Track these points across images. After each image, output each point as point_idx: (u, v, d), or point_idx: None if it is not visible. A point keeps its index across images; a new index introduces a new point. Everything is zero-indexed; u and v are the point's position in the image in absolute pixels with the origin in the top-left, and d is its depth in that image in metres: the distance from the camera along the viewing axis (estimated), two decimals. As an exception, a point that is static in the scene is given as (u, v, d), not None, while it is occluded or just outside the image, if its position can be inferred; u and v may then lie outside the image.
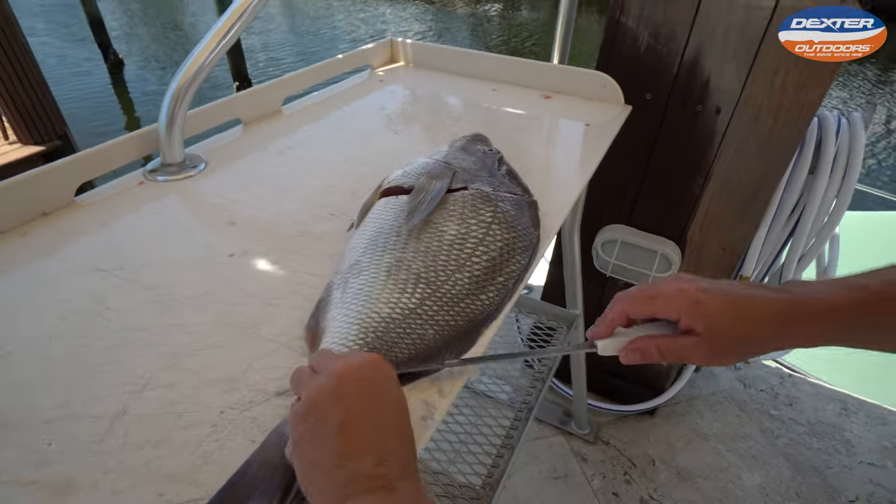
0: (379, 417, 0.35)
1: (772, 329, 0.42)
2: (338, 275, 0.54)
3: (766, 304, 0.42)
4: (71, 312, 0.52)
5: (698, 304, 0.42)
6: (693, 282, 0.44)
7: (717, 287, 0.43)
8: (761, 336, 0.42)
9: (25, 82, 3.79)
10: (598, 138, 0.89)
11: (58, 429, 0.42)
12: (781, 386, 1.75)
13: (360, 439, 0.34)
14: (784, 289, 0.43)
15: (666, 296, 0.44)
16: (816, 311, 0.41)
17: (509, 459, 1.00)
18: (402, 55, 1.21)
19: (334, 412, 0.34)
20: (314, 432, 0.34)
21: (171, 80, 0.72)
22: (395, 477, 0.33)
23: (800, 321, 0.42)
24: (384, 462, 0.33)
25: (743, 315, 0.42)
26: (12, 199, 0.63)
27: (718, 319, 0.42)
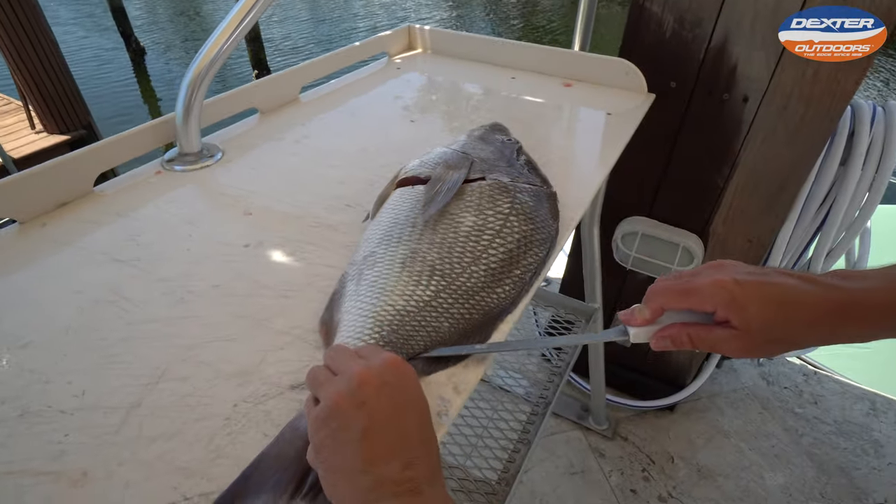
0: (402, 422, 0.34)
1: (816, 331, 0.40)
2: (352, 266, 0.53)
3: (811, 304, 0.39)
4: (88, 304, 0.52)
5: (735, 301, 0.40)
6: (731, 273, 0.42)
7: (756, 280, 0.41)
8: (804, 337, 0.41)
9: (51, 73, 3.85)
10: (620, 128, 0.87)
11: (75, 420, 0.42)
12: (806, 383, 1.70)
13: (384, 445, 0.33)
14: (831, 284, 0.40)
15: (701, 291, 0.42)
16: (869, 312, 0.38)
17: (526, 454, 0.99)
18: (419, 42, 1.19)
19: (356, 418, 0.33)
20: (336, 438, 0.33)
21: (186, 69, 0.72)
22: (422, 481, 0.33)
23: (849, 323, 0.39)
24: (411, 466, 0.33)
25: (784, 316, 0.40)
26: (31, 189, 0.64)
27: (757, 316, 0.40)
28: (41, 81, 3.80)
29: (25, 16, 3.62)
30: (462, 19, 11.22)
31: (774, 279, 0.41)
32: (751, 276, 0.41)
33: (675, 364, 1.56)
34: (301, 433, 0.40)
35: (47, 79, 3.82)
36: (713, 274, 0.42)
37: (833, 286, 0.40)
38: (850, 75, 0.95)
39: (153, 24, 10.02)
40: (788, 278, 0.41)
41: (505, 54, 1.10)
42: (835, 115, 1.01)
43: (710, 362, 1.57)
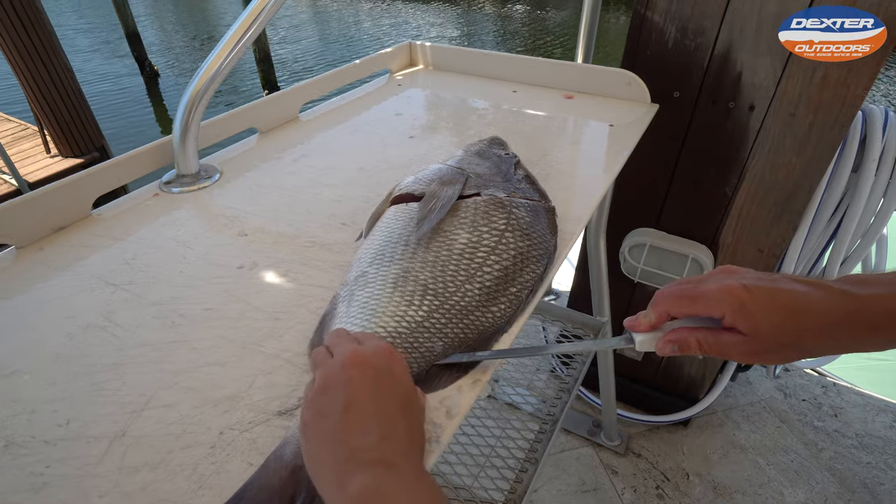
0: (382, 401, 0.36)
1: (828, 339, 0.39)
2: (344, 287, 0.52)
3: (822, 311, 0.38)
4: (79, 330, 0.51)
5: (744, 307, 0.39)
6: (739, 278, 0.41)
7: (766, 287, 0.40)
8: (814, 344, 0.40)
9: (66, 98, 3.94)
10: (623, 139, 0.86)
11: (58, 450, 0.41)
12: (825, 396, 1.65)
13: (361, 418, 0.35)
14: (843, 290, 0.38)
15: (709, 296, 0.41)
16: (883, 319, 0.37)
17: (533, 474, 0.97)
18: (420, 58, 1.19)
19: (340, 393, 0.36)
20: (321, 412, 0.36)
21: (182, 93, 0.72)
22: (397, 454, 0.34)
23: (862, 331, 0.38)
24: (385, 440, 0.34)
25: (794, 323, 0.39)
26: (29, 215, 0.64)
27: (765, 323, 0.39)
28: (56, 107, 3.88)
29: (42, 43, 3.72)
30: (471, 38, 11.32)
31: (785, 286, 0.40)
32: (760, 282, 0.40)
33: (688, 377, 1.52)
34: (285, 463, 0.38)
35: (62, 104, 3.90)
36: (722, 279, 0.41)
37: (844, 293, 0.38)
38: (858, 80, 0.93)
39: (168, 49, 10.26)
40: (799, 285, 0.40)
41: (506, 68, 1.10)
42: (845, 122, 0.98)
43: (724, 375, 1.53)
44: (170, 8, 13.94)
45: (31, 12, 3.63)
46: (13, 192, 3.52)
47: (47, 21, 3.78)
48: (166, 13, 13.31)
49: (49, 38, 3.78)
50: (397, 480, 0.33)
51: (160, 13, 13.20)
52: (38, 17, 3.69)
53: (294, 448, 0.39)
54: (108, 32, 10.69)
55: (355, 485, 0.32)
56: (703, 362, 1.47)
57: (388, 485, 0.32)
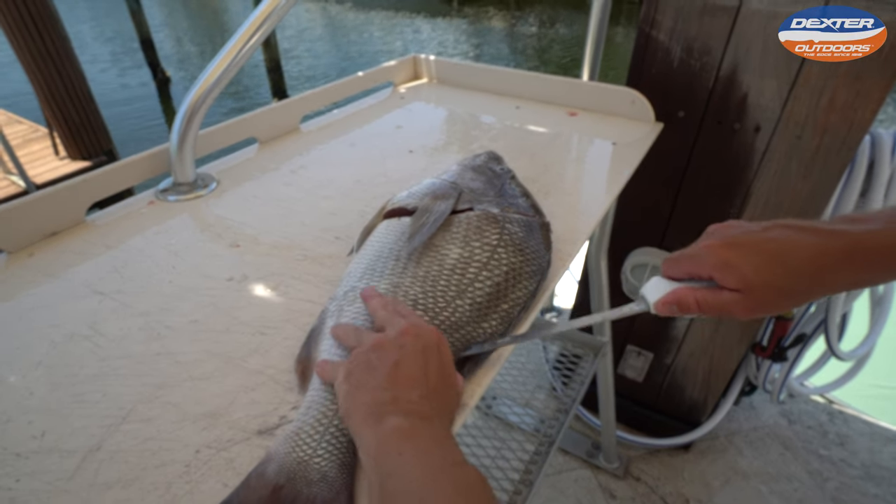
0: (428, 367, 0.39)
1: (823, 279, 0.39)
2: (333, 302, 0.51)
3: (813, 254, 0.39)
4: (63, 338, 0.51)
5: (727, 263, 0.41)
6: (725, 235, 0.42)
7: (751, 239, 0.41)
8: (807, 288, 0.40)
9: (76, 102, 3.98)
10: (626, 158, 0.85)
11: (29, 464, 0.40)
12: (831, 423, 1.62)
13: (409, 375, 0.38)
14: (834, 230, 0.39)
15: (692, 257, 0.43)
16: (875, 255, 0.38)
17: (528, 495, 0.95)
18: (425, 72, 1.19)
19: (393, 353, 0.39)
20: (370, 363, 0.39)
21: (181, 101, 0.72)
22: (433, 413, 0.37)
23: (856, 268, 0.38)
24: (426, 399, 0.37)
25: (784, 269, 0.39)
26: (21, 219, 0.63)
27: (754, 275, 0.40)
28: (66, 110, 3.92)
29: (56, 48, 3.77)
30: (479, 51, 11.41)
31: (774, 234, 0.41)
32: (747, 235, 0.41)
33: (690, 400, 1.49)
34: (267, 481, 0.37)
35: (72, 107, 3.95)
36: (705, 240, 0.43)
37: (835, 232, 0.39)
38: (867, 103, 0.92)
39: (180, 56, 10.39)
40: (790, 230, 0.41)
41: (510, 84, 1.10)
42: (853, 145, 0.97)
43: (727, 399, 1.51)
44: (183, 16, 14.16)
45: (46, 18, 3.69)
46: (20, 193, 3.55)
47: (62, 26, 3.84)
48: (180, 21, 13.51)
49: (63, 42, 3.84)
50: (429, 430, 0.35)
51: (175, 22, 13.41)
52: (53, 23, 3.75)
53: (276, 466, 0.38)
54: (123, 39, 10.85)
55: (392, 423, 0.35)
56: (704, 386, 1.44)
57: (421, 431, 0.35)
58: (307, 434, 0.39)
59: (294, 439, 0.39)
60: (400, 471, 0.33)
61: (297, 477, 0.37)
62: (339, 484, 0.37)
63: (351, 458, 0.39)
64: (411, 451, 0.34)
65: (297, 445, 0.39)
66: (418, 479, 0.32)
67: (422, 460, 0.33)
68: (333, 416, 0.41)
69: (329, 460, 0.38)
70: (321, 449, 0.39)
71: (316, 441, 0.39)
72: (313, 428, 0.40)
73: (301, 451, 0.38)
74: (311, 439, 0.39)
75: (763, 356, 1.32)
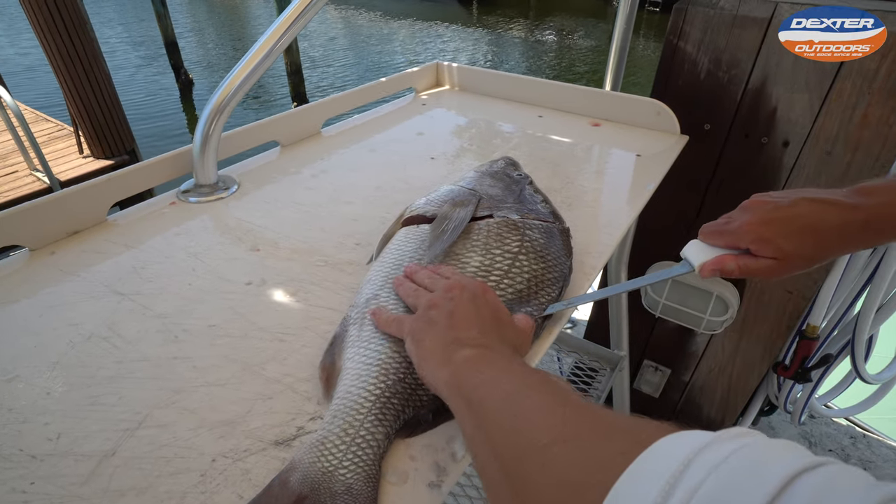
0: (480, 311, 0.43)
1: (844, 244, 0.48)
2: (354, 309, 0.50)
3: (836, 226, 0.47)
4: (81, 338, 0.50)
5: (762, 239, 0.48)
6: (759, 213, 0.49)
7: (782, 216, 0.48)
8: (833, 250, 0.48)
9: (102, 102, 4.05)
10: (651, 170, 0.83)
11: (44, 467, 0.39)
12: (854, 447, 1.57)
13: (465, 321, 0.42)
14: (852, 204, 0.47)
15: (734, 233, 0.50)
16: (886, 226, 0.46)
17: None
18: (447, 79, 1.18)
19: (447, 306, 0.43)
20: (430, 320, 0.42)
21: (206, 103, 0.72)
22: (493, 344, 0.40)
23: (871, 235, 0.47)
24: (484, 335, 0.41)
25: (813, 240, 0.47)
26: (46, 217, 0.63)
27: (789, 248, 0.48)
28: (91, 109, 3.99)
29: (84, 49, 3.85)
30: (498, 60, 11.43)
31: (800, 210, 0.48)
32: (778, 213, 0.49)
33: (707, 419, 1.46)
34: (290, 491, 0.36)
35: (97, 107, 4.02)
36: (742, 216, 0.51)
37: (853, 206, 0.47)
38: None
39: (203, 58, 10.55)
40: (813, 205, 0.48)
41: (533, 92, 1.09)
42: (886, 161, 0.94)
43: (745, 419, 1.47)
44: (208, 20, 14.40)
45: (76, 20, 3.77)
46: (45, 190, 3.61)
47: (90, 28, 3.92)
48: (205, 26, 13.74)
49: (91, 44, 3.91)
50: (495, 354, 0.39)
51: (200, 26, 13.64)
52: (82, 25, 3.83)
53: (300, 476, 0.37)
54: (149, 41, 11.05)
55: (461, 355, 0.38)
56: (723, 404, 1.41)
57: (488, 355, 0.38)
58: (332, 444, 0.38)
59: (319, 448, 0.38)
60: (484, 383, 0.35)
61: (321, 488, 0.36)
62: (364, 496, 0.36)
63: (376, 471, 0.38)
64: (487, 367, 0.37)
65: (323, 455, 0.38)
66: (502, 382, 0.35)
67: (499, 369, 0.37)
68: (360, 425, 0.40)
69: (355, 472, 0.37)
70: (347, 460, 0.38)
71: (342, 451, 0.38)
72: (339, 438, 0.39)
73: (326, 461, 0.37)
74: (337, 449, 0.38)
75: (786, 376, 1.28)
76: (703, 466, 0.19)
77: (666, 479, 0.20)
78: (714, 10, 0.97)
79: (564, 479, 0.25)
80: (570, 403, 0.30)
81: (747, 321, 1.24)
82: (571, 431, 0.27)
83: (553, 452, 0.26)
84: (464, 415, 0.35)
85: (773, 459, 0.19)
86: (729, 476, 0.19)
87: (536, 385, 0.33)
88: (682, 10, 1.00)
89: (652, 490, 0.20)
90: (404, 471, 0.39)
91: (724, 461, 0.19)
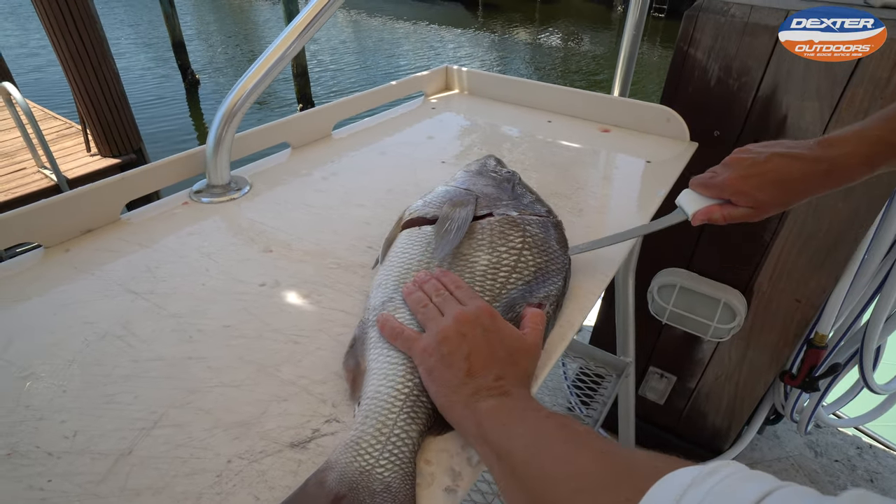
0: (493, 348, 0.44)
1: (810, 191, 0.56)
2: (371, 312, 0.51)
3: (803, 177, 0.55)
4: (96, 337, 0.50)
5: (741, 192, 0.57)
6: (738, 170, 0.57)
7: (756, 171, 0.56)
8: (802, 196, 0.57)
9: (110, 100, 4.08)
10: (660, 176, 0.83)
11: (61, 464, 0.39)
12: (860, 458, 1.56)
13: (481, 364, 0.42)
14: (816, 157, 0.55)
15: (717, 186, 0.58)
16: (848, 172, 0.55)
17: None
18: (456, 83, 1.19)
19: (461, 345, 0.43)
20: (445, 361, 0.43)
21: (219, 104, 0.72)
22: (511, 386, 0.42)
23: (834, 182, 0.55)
24: (501, 378, 0.42)
25: (783, 189, 0.56)
26: (61, 215, 0.64)
27: (761, 196, 0.56)
28: (100, 108, 4.02)
29: (93, 48, 3.87)
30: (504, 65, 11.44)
31: (771, 165, 0.56)
32: (754, 168, 0.57)
33: (712, 427, 1.45)
34: (328, 490, 0.36)
35: (105, 106, 4.04)
36: (724, 172, 0.59)
37: (816, 158, 0.55)
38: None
39: (209, 59, 10.61)
40: (783, 160, 0.56)
41: (542, 97, 1.09)
42: (895, 171, 0.94)
43: (750, 427, 1.46)
44: (215, 23, 14.47)
45: (86, 18, 3.80)
46: (52, 187, 3.63)
47: (100, 27, 3.94)
48: (212, 28, 13.81)
49: (100, 43, 3.94)
50: (515, 401, 0.41)
51: (207, 28, 13.71)
52: (92, 23, 3.85)
53: (337, 475, 0.37)
54: (158, 42, 11.11)
55: (484, 406, 0.40)
56: (728, 412, 1.40)
57: (508, 403, 0.40)
58: (368, 443, 0.39)
59: (355, 448, 0.38)
60: (509, 437, 0.37)
61: (359, 487, 0.36)
62: (402, 495, 0.37)
63: (412, 469, 0.39)
64: (508, 418, 0.39)
65: (359, 454, 0.38)
66: (526, 435, 0.37)
67: (520, 420, 0.39)
68: (394, 423, 0.40)
69: (392, 470, 0.38)
70: (383, 458, 0.38)
71: (378, 451, 0.38)
72: (374, 437, 0.39)
73: (363, 460, 0.38)
74: (373, 448, 0.39)
75: (793, 385, 1.28)
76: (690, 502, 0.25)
77: None
78: (725, 18, 0.97)
79: None
80: (584, 450, 0.34)
81: (754, 329, 1.24)
82: (587, 483, 0.32)
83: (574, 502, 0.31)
84: (492, 463, 0.38)
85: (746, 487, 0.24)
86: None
87: (555, 433, 0.37)
88: (693, 17, 1.00)
89: None
90: (420, 475, 0.39)
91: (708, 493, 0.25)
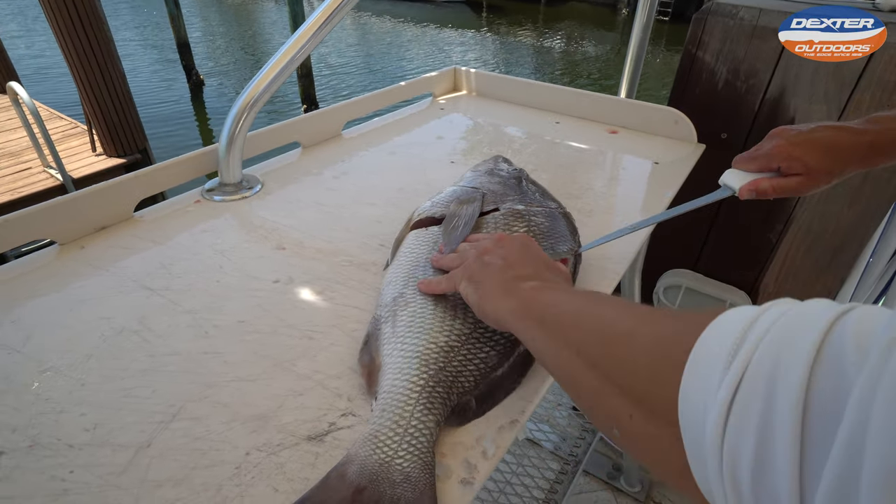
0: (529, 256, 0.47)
1: (856, 161, 0.57)
2: (383, 308, 0.51)
3: (849, 146, 0.56)
4: (113, 332, 0.51)
5: (792, 156, 0.56)
6: (786, 137, 0.57)
7: (806, 138, 0.56)
8: (849, 166, 0.57)
9: (116, 101, 4.09)
10: (667, 178, 0.83)
11: (82, 455, 0.40)
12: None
13: (520, 262, 0.45)
14: (862, 129, 0.57)
15: (767, 156, 0.58)
16: (887, 149, 0.56)
17: (552, 517, 0.93)
18: (464, 84, 1.19)
19: (499, 252, 0.47)
20: (485, 265, 0.46)
21: (232, 104, 0.73)
22: (550, 277, 0.44)
23: (878, 154, 0.57)
24: (537, 274, 0.44)
25: (832, 156, 0.56)
26: (75, 212, 0.65)
27: (812, 161, 0.56)
28: (106, 108, 4.04)
29: (100, 48, 3.89)
30: (508, 66, 11.46)
31: (820, 134, 0.57)
32: (802, 136, 0.57)
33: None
34: (349, 482, 0.37)
35: (111, 106, 4.06)
36: (771, 142, 0.58)
37: (862, 131, 0.57)
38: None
39: (214, 61, 10.65)
40: (830, 131, 0.57)
41: (550, 99, 1.09)
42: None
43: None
44: (220, 24, 14.52)
45: (93, 18, 3.81)
46: (58, 187, 3.64)
47: (107, 27, 3.96)
48: (217, 29, 13.86)
49: (107, 43, 3.95)
50: (556, 284, 0.43)
51: (212, 30, 13.76)
52: (99, 23, 3.87)
53: (357, 468, 0.38)
54: (163, 44, 11.15)
55: (526, 286, 0.42)
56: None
57: (549, 285, 0.42)
58: (386, 436, 0.39)
59: (373, 441, 0.39)
60: (554, 303, 0.39)
61: (379, 478, 0.37)
62: (422, 484, 0.37)
63: (431, 458, 0.39)
64: (552, 292, 0.41)
65: (378, 447, 0.39)
66: (572, 300, 0.39)
67: (564, 291, 0.41)
68: (410, 415, 0.41)
69: (411, 461, 0.38)
70: (402, 450, 0.39)
71: (396, 443, 0.39)
72: (392, 430, 0.40)
73: (382, 452, 0.38)
74: (391, 440, 0.39)
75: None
76: (767, 318, 0.23)
77: (740, 329, 0.23)
78: (734, 21, 0.98)
79: (653, 348, 0.29)
80: (636, 306, 0.34)
81: (760, 331, 1.24)
82: (648, 319, 0.31)
83: (639, 332, 0.31)
84: (534, 333, 0.38)
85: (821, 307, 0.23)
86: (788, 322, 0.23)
87: (602, 298, 0.38)
88: (702, 20, 1.00)
89: (728, 340, 0.23)
90: (437, 467, 0.40)
91: (783, 315, 0.23)
